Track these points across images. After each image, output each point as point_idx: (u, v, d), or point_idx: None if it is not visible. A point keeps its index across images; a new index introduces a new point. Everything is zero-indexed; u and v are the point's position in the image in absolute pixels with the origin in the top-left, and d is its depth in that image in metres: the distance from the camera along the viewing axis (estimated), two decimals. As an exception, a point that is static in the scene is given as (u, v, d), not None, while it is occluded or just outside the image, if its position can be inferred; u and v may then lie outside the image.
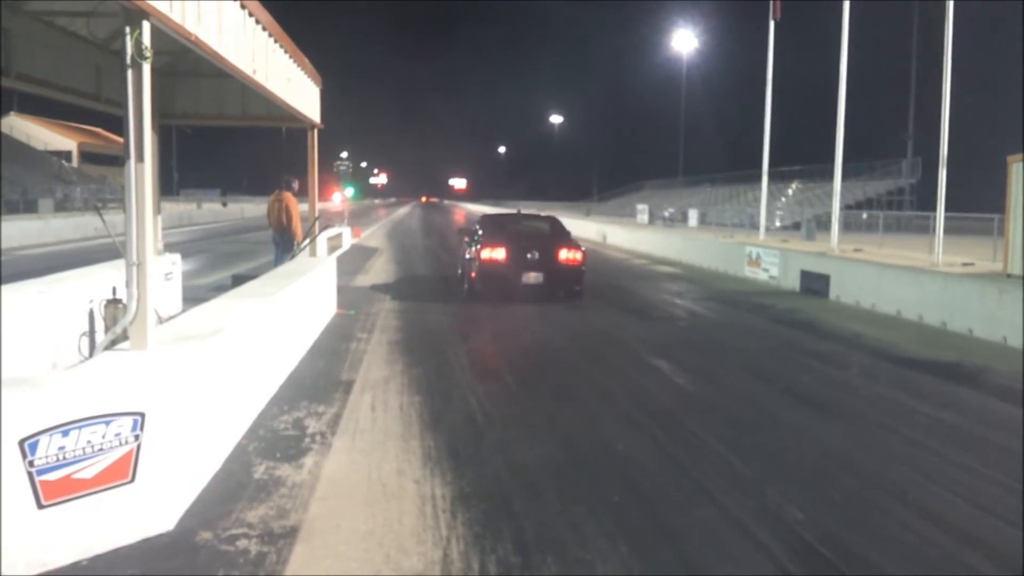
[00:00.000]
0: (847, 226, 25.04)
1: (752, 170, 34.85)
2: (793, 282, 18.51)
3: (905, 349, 11.34)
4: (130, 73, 4.87)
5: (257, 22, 8.03)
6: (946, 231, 16.71)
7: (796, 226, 36.92)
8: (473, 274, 15.26)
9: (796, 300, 16.74)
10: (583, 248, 15.86)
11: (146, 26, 4.93)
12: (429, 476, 5.73)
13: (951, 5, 16.80)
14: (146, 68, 4.94)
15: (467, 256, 16.14)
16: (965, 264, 15.61)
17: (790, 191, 49.47)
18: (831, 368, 10.04)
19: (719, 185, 59.15)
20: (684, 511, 5.28)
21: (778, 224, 39.40)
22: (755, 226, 29.34)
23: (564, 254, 15.14)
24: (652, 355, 10.42)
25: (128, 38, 4.85)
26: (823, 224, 28.29)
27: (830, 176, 22.36)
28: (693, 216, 42.76)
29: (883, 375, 9.72)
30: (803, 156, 47.66)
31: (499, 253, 14.85)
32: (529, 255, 14.90)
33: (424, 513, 5.07)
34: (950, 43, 16.86)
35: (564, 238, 16.06)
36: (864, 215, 29.97)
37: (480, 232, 16.07)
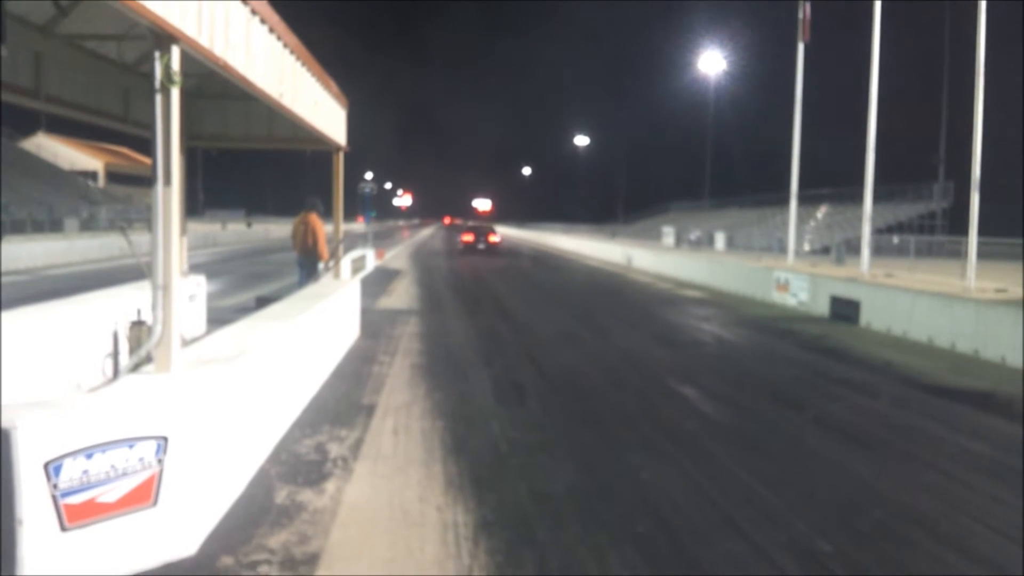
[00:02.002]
0: (878, 250, 24.85)
1: (780, 192, 34.71)
2: (823, 308, 18.31)
3: (937, 377, 11.15)
4: (159, 97, 4.89)
5: (285, 46, 8.08)
6: (979, 256, 16.52)
7: (825, 250, 36.72)
8: (460, 245, 43.31)
9: (826, 326, 16.54)
10: (501, 236, 46.64)
11: (175, 51, 4.96)
12: (452, 503, 5.67)
13: (983, 27, 16.69)
14: (175, 92, 4.96)
15: (458, 237, 49.09)
16: (998, 290, 15.41)
17: (819, 214, 49.17)
18: (861, 396, 9.89)
19: (746, 208, 58.87)
20: (710, 542, 5.19)
21: (807, 248, 39.21)
22: (783, 250, 29.19)
23: (493, 238, 41.95)
24: (678, 382, 10.31)
25: (157, 63, 4.88)
26: (853, 248, 28.06)
27: (860, 199, 22.18)
28: (720, 239, 42.62)
29: (914, 404, 9.56)
30: (833, 179, 47.27)
31: (470, 237, 42.56)
32: (480, 237, 41.89)
33: (446, 541, 5.01)
34: (982, 66, 16.74)
35: (495, 233, 42.89)
36: (895, 239, 29.67)
37: (465, 229, 47.85)
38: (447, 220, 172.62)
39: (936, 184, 45.96)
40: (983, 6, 16.77)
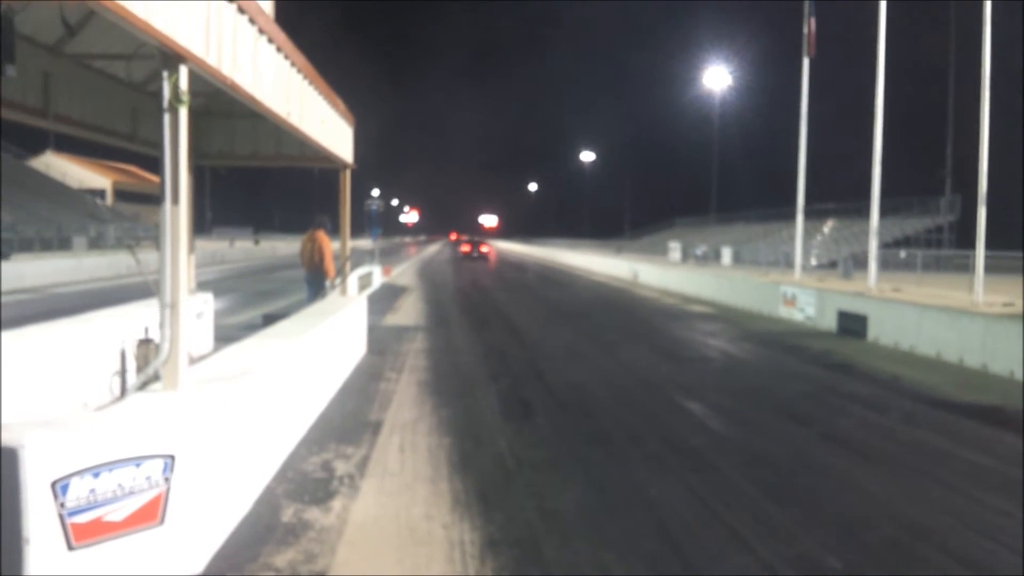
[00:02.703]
0: (885, 265, 24.78)
1: (787, 207, 34.63)
2: (830, 322, 18.26)
3: (945, 392, 11.10)
4: (167, 117, 4.92)
5: (292, 64, 8.13)
6: (986, 270, 16.47)
7: (832, 264, 36.63)
8: (460, 253, 60.91)
9: (833, 341, 16.50)
10: (492, 248, 68.20)
11: (183, 70, 4.99)
12: (458, 521, 5.66)
13: (988, 41, 16.71)
14: (183, 112, 4.99)
15: (458, 248, 69.71)
16: (1006, 304, 15.36)
17: (826, 229, 49.09)
18: (869, 412, 9.85)
19: (753, 222, 58.78)
20: (718, 559, 5.17)
21: (814, 262, 39.14)
22: (790, 264, 29.12)
23: (483, 249, 58.87)
24: (685, 397, 10.29)
25: (165, 82, 4.91)
26: (860, 262, 28.01)
27: (867, 213, 22.18)
28: (726, 254, 42.57)
29: (922, 419, 9.52)
30: (839, 193, 47.28)
31: (467, 247, 59.85)
32: (474, 248, 58.52)
33: (453, 559, 5.00)
34: (987, 80, 16.76)
35: (485, 244, 62.55)
36: (902, 254, 29.59)
37: (462, 241, 73.18)
38: (453, 236, 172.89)
39: (943, 198, 45.88)
40: (988, 17, 16.79)
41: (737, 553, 5.26)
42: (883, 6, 20.70)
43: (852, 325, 17.18)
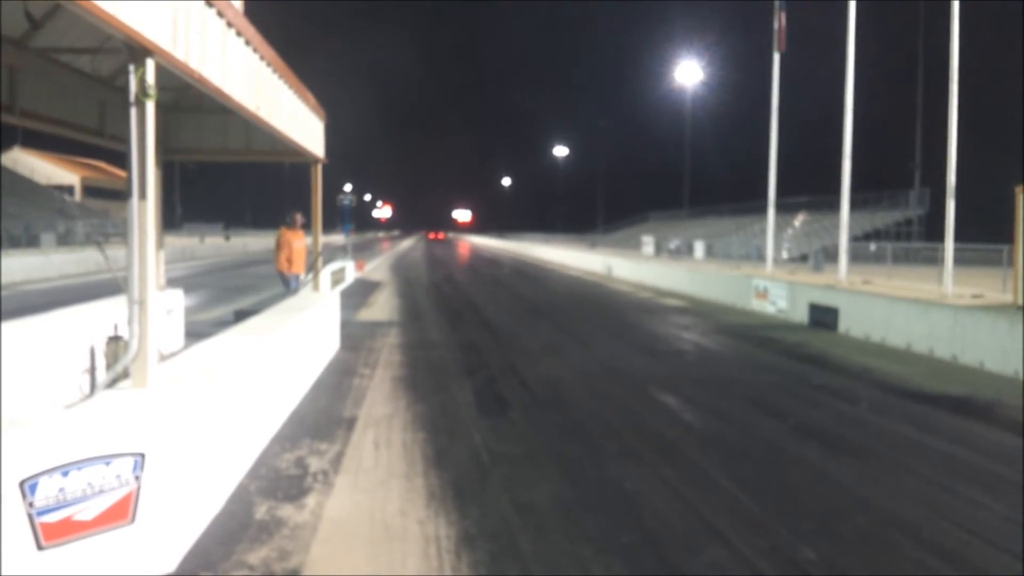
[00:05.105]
0: (855, 257, 25.00)
1: (758, 201, 34.81)
2: (801, 315, 18.41)
3: (916, 383, 11.22)
4: (133, 111, 4.85)
5: (261, 58, 8.04)
6: (955, 262, 16.65)
7: (804, 258, 36.88)
8: (428, 239, 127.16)
9: (805, 333, 16.63)
10: (447, 235, 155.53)
11: (150, 64, 4.92)
12: (433, 516, 5.64)
13: (956, 36, 16.89)
14: (150, 106, 4.92)
15: (427, 236, 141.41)
16: (975, 296, 15.54)
17: (797, 222, 49.43)
18: (841, 403, 9.93)
19: (725, 216, 59.09)
20: (694, 551, 5.18)
21: (785, 256, 39.40)
22: (762, 258, 29.32)
23: (440, 237, 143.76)
24: (659, 391, 10.31)
25: (132, 76, 4.84)
26: (831, 255, 28.23)
27: (837, 207, 22.33)
28: (699, 248, 42.75)
29: (894, 410, 9.61)
30: (810, 187, 47.55)
31: (432, 236, 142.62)
32: (438, 235, 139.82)
33: (428, 555, 4.98)
34: (956, 73, 16.93)
35: (443, 234, 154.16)
36: (872, 246, 29.83)
37: (431, 232, 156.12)
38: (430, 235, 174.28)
39: (912, 191, 46.35)
40: (956, 11, 16.96)
41: (713, 545, 5.28)
42: (852, 2, 20.85)
43: (823, 317, 17.32)
